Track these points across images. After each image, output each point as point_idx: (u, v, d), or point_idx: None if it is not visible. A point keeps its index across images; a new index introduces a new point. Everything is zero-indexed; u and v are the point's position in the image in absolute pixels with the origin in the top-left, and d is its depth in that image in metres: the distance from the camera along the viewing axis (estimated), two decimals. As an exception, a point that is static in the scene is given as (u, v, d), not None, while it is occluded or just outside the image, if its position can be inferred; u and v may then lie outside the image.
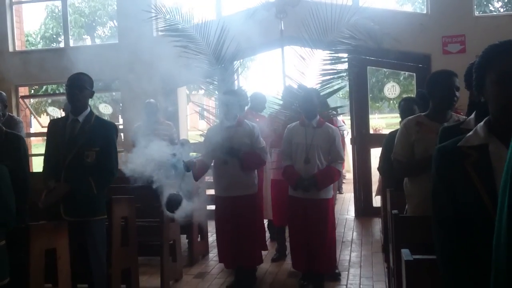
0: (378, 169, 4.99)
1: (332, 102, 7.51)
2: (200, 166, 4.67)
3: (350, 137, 8.30)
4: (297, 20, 6.07)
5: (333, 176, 4.63)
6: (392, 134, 4.69)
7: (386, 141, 4.77)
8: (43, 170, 3.97)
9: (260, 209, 5.14)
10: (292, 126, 4.77)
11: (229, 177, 4.70)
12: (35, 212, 3.81)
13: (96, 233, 3.80)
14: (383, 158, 4.77)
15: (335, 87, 6.24)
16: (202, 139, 6.70)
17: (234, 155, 4.65)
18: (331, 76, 5.98)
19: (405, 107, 4.81)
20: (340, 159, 4.67)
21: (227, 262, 4.95)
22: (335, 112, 6.37)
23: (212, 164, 4.89)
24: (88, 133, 3.74)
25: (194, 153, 6.58)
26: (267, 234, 6.37)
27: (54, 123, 4.00)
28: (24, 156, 3.85)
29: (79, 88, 3.75)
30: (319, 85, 5.89)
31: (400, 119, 5.08)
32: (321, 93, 5.87)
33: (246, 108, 6.29)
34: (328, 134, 4.61)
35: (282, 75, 5.99)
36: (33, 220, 3.72)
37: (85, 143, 3.71)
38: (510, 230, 0.95)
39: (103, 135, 3.79)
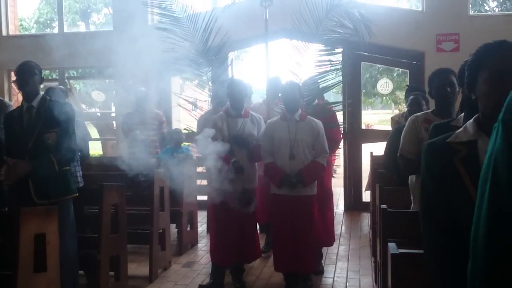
0: (383, 164, 4.98)
1: (325, 96, 7.51)
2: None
3: (342, 131, 8.33)
4: (287, 13, 6.06)
5: (319, 171, 4.45)
6: (398, 129, 4.64)
7: (391, 136, 4.70)
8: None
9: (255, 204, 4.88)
10: (273, 121, 4.55)
11: None
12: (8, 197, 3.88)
13: (65, 213, 3.85)
14: (387, 154, 4.74)
15: (331, 82, 6.07)
16: (187, 131, 6.67)
17: (244, 146, 4.49)
18: (326, 68, 5.90)
19: (414, 101, 4.69)
20: (325, 153, 4.48)
21: (228, 259, 4.62)
22: (336, 107, 6.33)
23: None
24: (45, 116, 3.84)
25: (186, 143, 6.59)
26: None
27: (9, 115, 4.06)
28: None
29: (29, 74, 3.85)
30: (316, 77, 5.81)
31: (391, 115, 5.10)
32: (319, 87, 5.81)
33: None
34: (312, 128, 4.42)
35: (266, 67, 5.93)
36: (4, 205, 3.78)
37: (44, 125, 3.82)
38: (489, 223, 0.98)
39: (60, 116, 3.87)
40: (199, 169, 6.24)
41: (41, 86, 4.10)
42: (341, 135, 5.97)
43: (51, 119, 3.83)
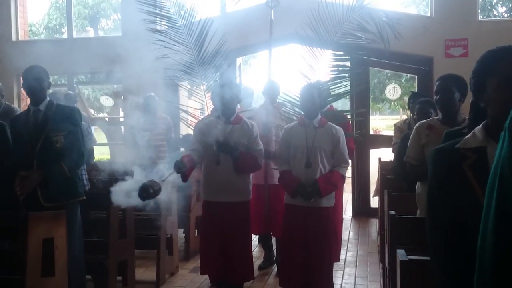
0: (392, 170, 4.96)
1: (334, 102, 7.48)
2: (189, 164, 3.89)
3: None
4: (302, 17, 6.03)
5: (337, 182, 4.08)
6: (406, 136, 4.65)
7: (399, 143, 4.73)
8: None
9: (250, 219, 4.44)
10: (291, 127, 4.24)
11: (220, 179, 4.12)
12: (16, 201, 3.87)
13: (72, 216, 3.85)
14: (396, 160, 4.75)
15: (343, 89, 5.74)
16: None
17: (229, 153, 4.08)
18: (339, 75, 5.72)
19: (420, 110, 4.67)
20: (345, 163, 4.14)
21: (213, 275, 4.37)
22: (349, 116, 6.19)
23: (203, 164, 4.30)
24: (52, 119, 3.83)
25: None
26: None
27: (15, 119, 4.06)
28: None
29: (35, 79, 3.85)
30: (329, 83, 5.66)
31: (395, 121, 5.08)
32: (330, 94, 5.65)
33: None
34: (331, 135, 4.08)
35: (268, 71, 5.86)
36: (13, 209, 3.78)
37: (51, 128, 3.81)
38: (496, 231, 0.96)
39: (67, 119, 3.88)
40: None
41: (49, 91, 4.11)
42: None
43: (59, 122, 3.84)
